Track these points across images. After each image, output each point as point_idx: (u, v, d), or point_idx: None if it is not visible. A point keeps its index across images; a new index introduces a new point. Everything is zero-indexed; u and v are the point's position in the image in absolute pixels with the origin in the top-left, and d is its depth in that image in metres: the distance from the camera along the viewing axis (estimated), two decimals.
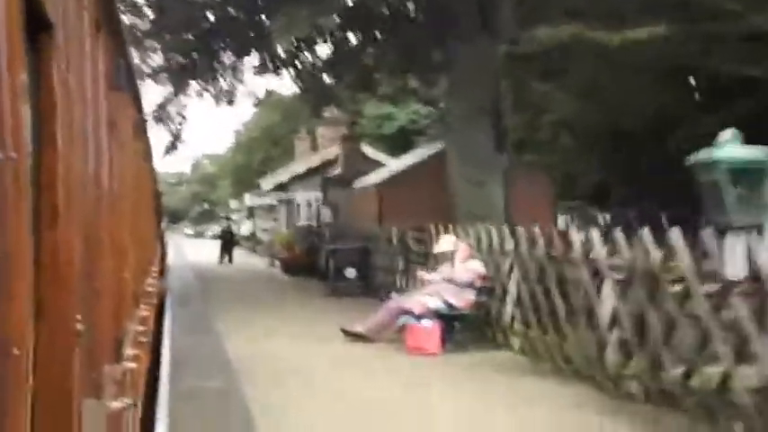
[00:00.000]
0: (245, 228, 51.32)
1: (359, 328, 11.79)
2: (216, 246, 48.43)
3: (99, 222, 2.88)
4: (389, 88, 26.08)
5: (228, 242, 36.34)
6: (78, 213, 2.18)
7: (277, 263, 30.65)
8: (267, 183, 40.54)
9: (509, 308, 11.27)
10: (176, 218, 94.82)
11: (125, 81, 4.56)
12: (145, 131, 8.22)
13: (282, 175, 39.46)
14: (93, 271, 2.64)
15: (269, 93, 62.74)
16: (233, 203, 56.51)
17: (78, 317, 2.03)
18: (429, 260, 13.52)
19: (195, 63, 20.74)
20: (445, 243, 12.24)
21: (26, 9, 1.43)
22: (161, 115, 21.98)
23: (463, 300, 11.38)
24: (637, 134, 26.88)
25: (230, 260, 35.55)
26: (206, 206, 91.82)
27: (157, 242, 14.92)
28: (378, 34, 20.41)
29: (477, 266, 11.59)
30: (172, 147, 23.75)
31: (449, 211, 16.74)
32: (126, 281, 4.29)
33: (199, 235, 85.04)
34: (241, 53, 21.29)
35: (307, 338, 12.26)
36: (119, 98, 4.15)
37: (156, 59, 20.95)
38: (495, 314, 11.59)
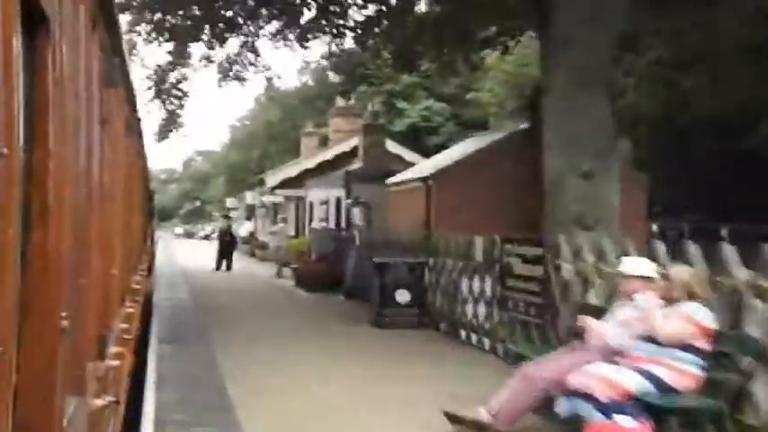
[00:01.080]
0: (243, 229, 46.72)
1: (479, 413, 6.87)
2: (210, 248, 43.80)
3: (88, 220, 2.87)
4: (431, 65, 20.64)
5: (228, 246, 31.05)
6: (67, 210, 2.17)
7: (286, 272, 26.14)
8: (272, 179, 35.67)
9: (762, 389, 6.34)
10: (166, 216, 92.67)
11: (120, 78, 4.55)
12: (139, 129, 8.20)
13: (290, 171, 35.16)
14: (81, 268, 2.63)
15: (269, 85, 62.21)
16: (229, 201, 52.21)
17: (64, 314, 2.02)
18: (549, 289, 9.86)
19: (199, 20, 17.20)
20: (636, 266, 7.00)
21: (22, 2, 1.42)
22: (159, 88, 18.80)
23: (685, 376, 6.23)
24: (702, 128, 23.28)
25: (229, 267, 30.25)
26: (197, 203, 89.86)
27: (146, 245, 13.17)
28: None
29: (698, 314, 6.31)
30: (167, 128, 20.13)
31: (530, 213, 13.12)
32: (113, 278, 4.27)
33: (190, 235, 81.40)
34: (255, 14, 17.68)
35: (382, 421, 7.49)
36: (113, 95, 4.14)
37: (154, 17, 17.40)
38: (741, 399, 6.42)
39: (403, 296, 14.00)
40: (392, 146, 28.81)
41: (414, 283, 14.11)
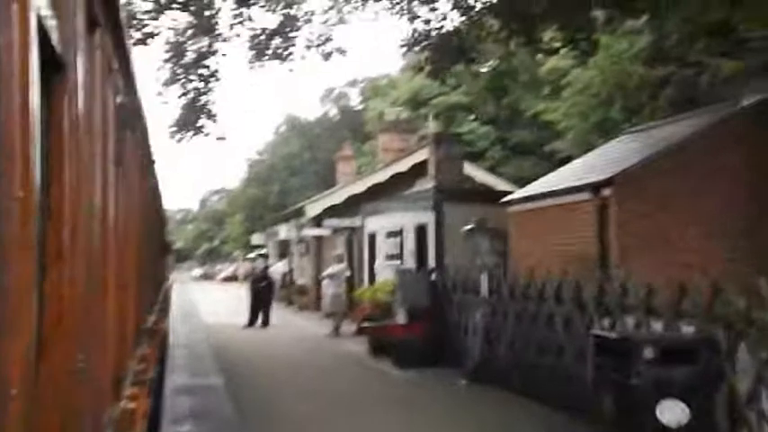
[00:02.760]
0: (275, 270, 38.24)
1: None
2: (232, 291, 40.71)
3: (104, 261, 2.89)
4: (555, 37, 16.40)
5: (264, 293, 23.52)
6: (83, 252, 2.19)
7: (344, 328, 20.02)
8: (313, 208, 29.22)
9: None
10: (182, 257, 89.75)
11: (134, 120, 4.61)
12: (153, 170, 8.27)
13: (333, 198, 28.68)
14: (96, 309, 2.64)
15: (291, 118, 60.90)
16: (255, 238, 44.65)
17: (80, 356, 2.03)
18: None
19: None
20: None
21: (39, 50, 1.46)
22: (177, 63, 14.49)
23: None
24: None
25: (266, 322, 23.06)
26: (216, 243, 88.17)
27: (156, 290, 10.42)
28: None
29: None
30: (190, 117, 14.94)
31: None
32: (129, 319, 4.28)
33: (209, 277, 76.33)
34: None
35: None
36: (128, 137, 4.19)
37: None
38: None
39: (674, 413, 6.62)
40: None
41: (698, 383, 6.82)
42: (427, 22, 15.57)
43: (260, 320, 23.37)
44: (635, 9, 14.85)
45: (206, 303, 34.30)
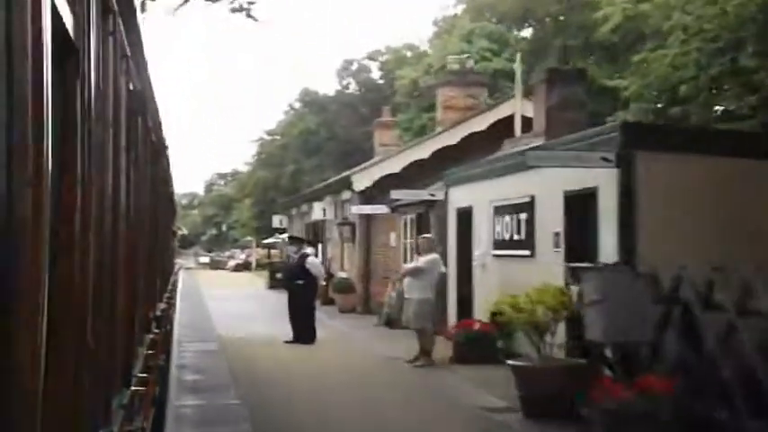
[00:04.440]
0: (312, 261, 21.88)
1: None
2: (248, 285, 35.97)
3: (115, 247, 2.90)
4: None
5: (304, 293, 15.69)
6: (94, 238, 2.19)
7: (432, 349, 12.73)
8: (362, 180, 22.45)
9: None
10: (188, 243, 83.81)
11: (147, 106, 4.61)
12: (166, 156, 8.28)
13: (385, 168, 22.27)
14: (107, 296, 2.65)
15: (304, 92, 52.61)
16: (276, 220, 36.96)
17: (90, 341, 2.03)
18: None
19: None
20: None
21: (53, 36, 1.45)
22: None
23: None
24: None
25: (310, 335, 15.36)
26: (224, 228, 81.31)
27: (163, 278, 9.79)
28: None
29: None
30: None
31: None
32: (138, 306, 4.30)
33: (217, 265, 66.91)
34: None
35: None
36: (139, 123, 4.19)
37: None
38: None
39: None
40: None
41: None
42: None
43: (298, 335, 15.36)
44: None
45: (218, 299, 26.39)
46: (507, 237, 12.81)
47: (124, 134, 3.21)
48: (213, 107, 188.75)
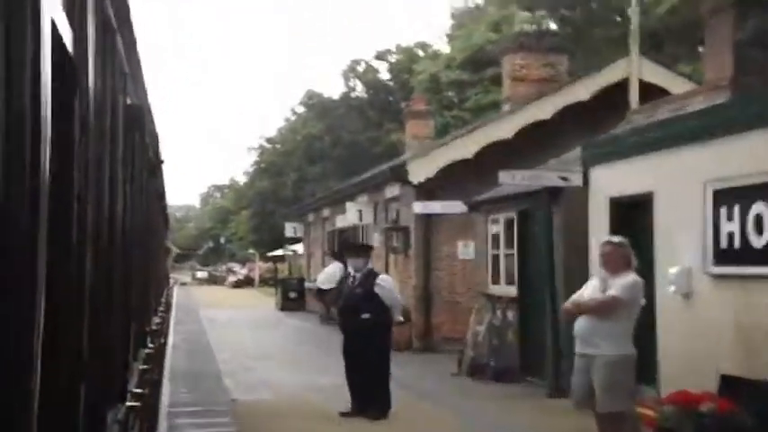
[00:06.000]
0: (322, 278, 12.83)
1: None
2: (254, 306, 30.35)
3: (111, 260, 2.91)
4: None
5: (377, 338, 9.44)
6: (91, 250, 2.20)
7: None
8: (419, 169, 16.75)
9: None
10: (182, 257, 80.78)
11: (143, 122, 4.63)
12: (160, 171, 8.30)
13: (455, 149, 16.77)
14: (103, 310, 2.66)
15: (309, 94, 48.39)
16: (289, 228, 31.18)
17: (85, 355, 2.04)
18: None
19: None
20: None
21: (52, 52, 1.47)
22: None
23: None
24: None
25: (385, 407, 9.24)
26: (222, 240, 76.82)
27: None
28: None
29: None
30: None
31: None
32: (133, 321, 4.30)
33: (215, 280, 63.71)
34: None
35: None
36: (136, 139, 4.21)
37: None
38: None
39: None
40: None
41: None
42: None
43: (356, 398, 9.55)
44: None
45: (221, 327, 21.28)
46: (755, 243, 7.30)
47: (121, 149, 3.23)
48: (208, 115, 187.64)
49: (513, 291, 12.19)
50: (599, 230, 9.56)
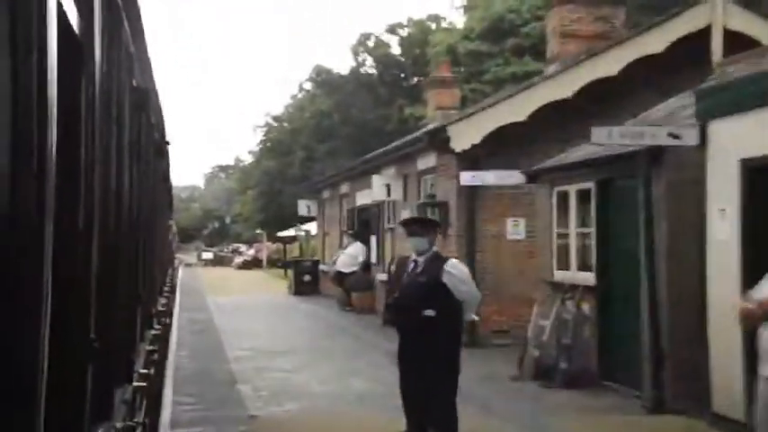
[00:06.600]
0: (343, 260, 20.28)
1: None
2: (261, 283, 29.92)
3: (117, 243, 2.91)
4: None
5: (443, 340, 6.93)
6: (97, 233, 2.20)
7: None
8: (462, 135, 13.91)
9: None
10: (187, 237, 79.12)
11: (149, 102, 4.62)
12: (166, 152, 8.29)
13: (508, 109, 14.26)
14: (109, 291, 2.66)
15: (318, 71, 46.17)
16: (302, 206, 29.16)
17: (93, 335, 2.04)
18: None
19: None
20: None
21: (58, 32, 1.46)
22: None
23: None
24: None
25: (452, 427, 6.73)
26: (227, 221, 76.36)
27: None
28: None
29: None
30: None
31: None
32: (139, 302, 4.31)
33: (221, 261, 60.89)
34: None
35: None
36: (143, 119, 4.20)
37: None
38: None
39: None
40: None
41: None
42: None
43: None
44: None
45: (230, 314, 19.30)
46: None
47: (127, 130, 3.22)
48: (212, 94, 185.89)
49: (589, 278, 10.04)
50: (724, 202, 7.41)
